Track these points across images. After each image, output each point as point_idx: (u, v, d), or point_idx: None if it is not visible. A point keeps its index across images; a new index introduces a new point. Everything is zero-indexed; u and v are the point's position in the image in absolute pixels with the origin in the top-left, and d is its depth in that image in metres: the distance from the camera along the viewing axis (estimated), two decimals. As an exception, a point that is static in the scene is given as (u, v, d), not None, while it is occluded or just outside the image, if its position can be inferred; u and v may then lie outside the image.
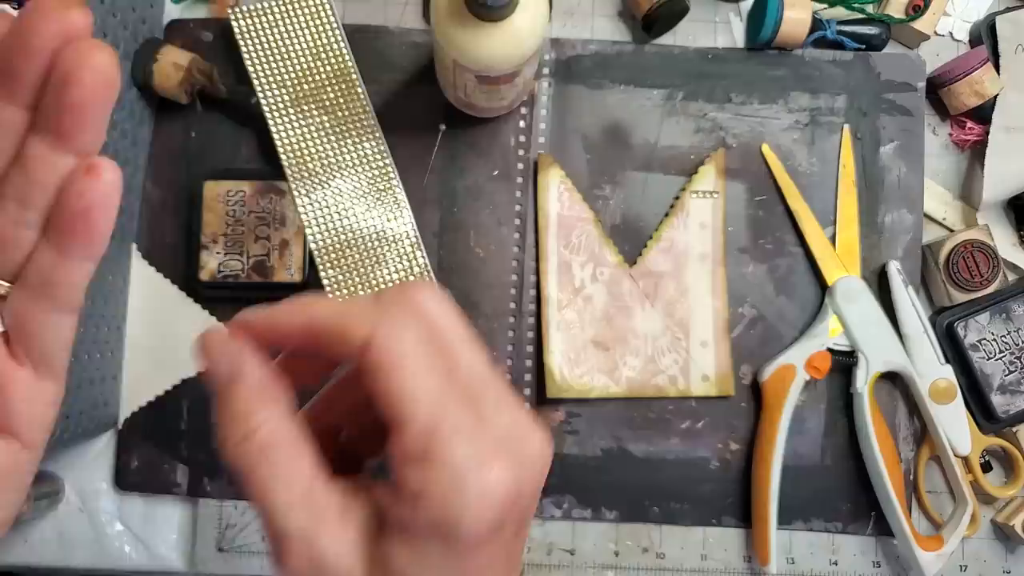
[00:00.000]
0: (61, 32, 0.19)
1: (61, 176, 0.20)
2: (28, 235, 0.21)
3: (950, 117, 0.56)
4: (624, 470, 0.52)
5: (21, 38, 0.19)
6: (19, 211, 0.20)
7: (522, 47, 0.42)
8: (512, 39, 0.42)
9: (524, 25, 0.42)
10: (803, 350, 0.52)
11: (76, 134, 0.20)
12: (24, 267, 0.21)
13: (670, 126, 0.55)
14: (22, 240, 0.21)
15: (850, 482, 0.53)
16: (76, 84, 0.19)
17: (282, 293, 0.51)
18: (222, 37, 0.54)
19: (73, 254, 0.21)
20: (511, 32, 0.41)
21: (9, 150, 0.20)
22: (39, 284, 0.21)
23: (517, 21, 0.41)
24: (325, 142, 0.52)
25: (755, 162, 0.54)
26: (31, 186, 0.20)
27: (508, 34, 0.41)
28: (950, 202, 0.56)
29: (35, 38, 0.19)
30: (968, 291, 0.52)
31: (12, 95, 0.20)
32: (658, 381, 0.52)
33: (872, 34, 0.55)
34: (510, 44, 0.42)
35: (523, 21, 0.41)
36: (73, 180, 0.20)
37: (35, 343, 0.22)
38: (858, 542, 0.53)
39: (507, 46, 0.42)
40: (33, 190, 0.20)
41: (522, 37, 0.42)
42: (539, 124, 0.54)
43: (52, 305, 0.22)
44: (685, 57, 0.55)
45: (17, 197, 0.20)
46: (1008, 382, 0.52)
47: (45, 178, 0.20)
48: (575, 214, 0.53)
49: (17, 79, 0.19)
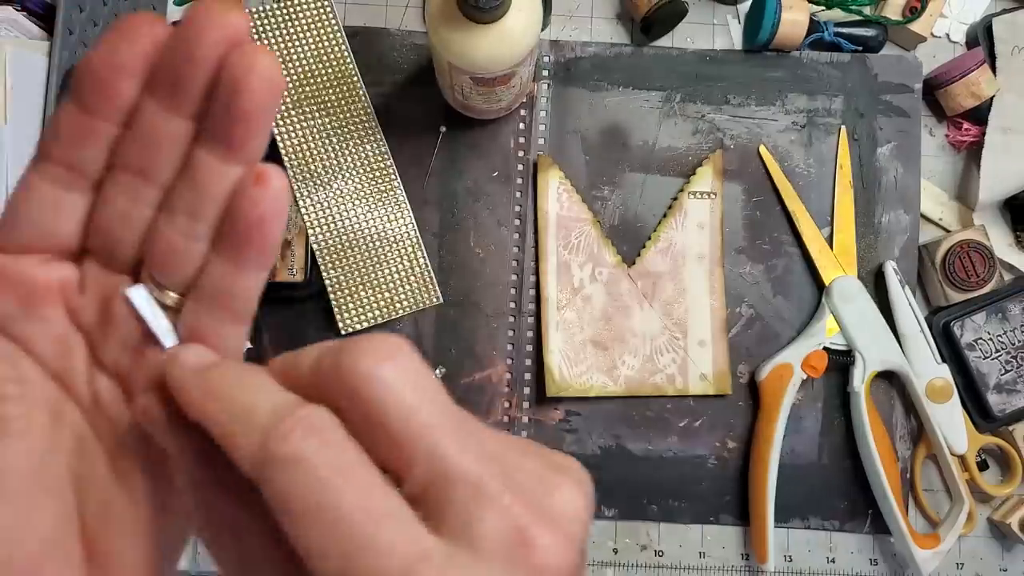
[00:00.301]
0: (225, 39, 0.18)
1: (230, 186, 0.20)
2: (199, 247, 0.20)
3: (947, 118, 0.57)
4: (623, 468, 0.53)
5: (186, 48, 0.18)
6: (189, 223, 0.20)
7: (515, 49, 0.43)
8: (505, 41, 0.42)
9: (517, 26, 0.42)
10: (800, 349, 0.52)
11: (246, 143, 0.19)
12: (196, 278, 0.21)
13: (668, 127, 0.55)
14: (193, 253, 0.20)
15: (847, 480, 0.53)
16: (246, 92, 0.18)
17: (285, 293, 0.52)
18: (224, 39, 0.54)
19: (247, 265, 0.20)
20: (504, 34, 0.42)
21: (175, 162, 0.20)
22: (213, 295, 0.21)
23: (510, 22, 0.42)
24: (327, 143, 0.52)
25: (753, 163, 0.55)
26: (201, 198, 0.20)
27: (501, 36, 0.42)
28: (946, 202, 0.56)
29: (200, 47, 0.18)
30: (964, 291, 0.53)
31: (178, 107, 0.19)
32: (656, 380, 0.52)
33: (869, 36, 0.55)
34: (503, 46, 0.42)
35: (516, 22, 0.42)
36: (244, 190, 0.20)
37: None
38: (855, 540, 0.54)
39: (500, 48, 0.42)
40: (203, 202, 0.20)
41: (515, 38, 0.42)
42: (538, 126, 0.55)
43: (227, 316, 0.21)
44: (683, 59, 0.55)
45: (187, 210, 0.20)
46: (1004, 381, 0.52)
47: (215, 189, 0.20)
48: (574, 215, 0.53)
49: (183, 90, 0.19)
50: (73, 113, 0.19)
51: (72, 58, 0.43)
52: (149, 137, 0.20)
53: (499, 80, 0.45)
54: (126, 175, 0.20)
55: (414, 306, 0.53)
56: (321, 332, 0.53)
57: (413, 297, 0.53)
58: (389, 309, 0.52)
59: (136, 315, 0.21)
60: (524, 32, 0.42)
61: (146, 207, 0.20)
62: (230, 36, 0.18)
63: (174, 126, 0.19)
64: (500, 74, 0.45)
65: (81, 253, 0.21)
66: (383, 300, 0.52)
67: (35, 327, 0.21)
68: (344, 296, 0.52)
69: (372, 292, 0.52)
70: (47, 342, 0.21)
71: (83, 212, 0.21)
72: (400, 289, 0.52)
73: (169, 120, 0.19)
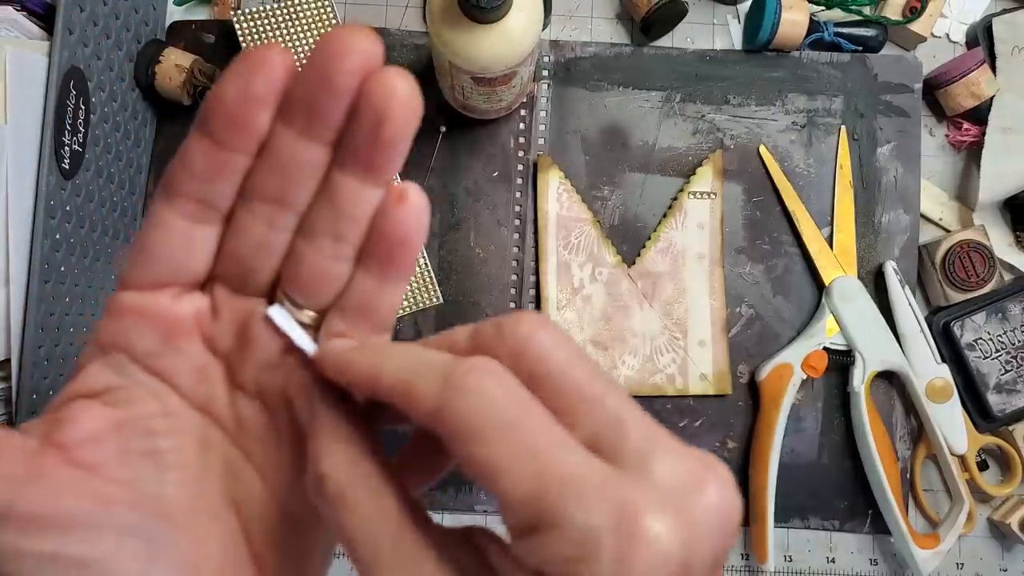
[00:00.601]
0: (363, 66, 0.18)
1: (372, 207, 0.20)
2: (343, 268, 0.21)
3: (947, 118, 0.57)
4: (623, 469, 0.53)
5: (323, 77, 0.18)
6: (333, 246, 0.20)
7: (516, 48, 0.43)
8: (506, 40, 0.42)
9: (518, 26, 0.42)
10: (800, 349, 0.52)
11: (387, 167, 0.20)
12: (338, 297, 0.21)
13: (668, 127, 0.55)
14: (338, 274, 0.21)
15: (847, 480, 0.53)
16: (389, 120, 0.19)
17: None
18: (224, 39, 0.54)
19: (392, 279, 0.21)
20: (505, 33, 0.42)
21: (312, 187, 0.20)
22: (357, 310, 0.21)
23: (511, 22, 0.42)
24: (326, 143, 0.52)
25: (752, 163, 0.55)
26: (344, 221, 0.20)
27: (502, 35, 0.42)
28: (946, 202, 0.56)
29: (339, 76, 0.18)
30: (964, 291, 0.53)
31: (316, 134, 0.19)
32: (656, 380, 0.52)
33: (869, 36, 0.55)
34: (504, 45, 0.42)
35: (517, 22, 0.42)
36: (387, 211, 0.20)
37: None
38: (855, 540, 0.54)
39: (501, 47, 0.42)
40: (346, 225, 0.20)
41: (516, 38, 0.42)
42: (538, 125, 0.55)
43: (369, 327, 0.22)
44: (683, 59, 0.55)
45: (329, 233, 0.20)
46: (1004, 381, 0.52)
47: (357, 211, 0.20)
48: (574, 215, 0.53)
49: (321, 118, 0.19)
50: (205, 147, 0.19)
51: (72, 58, 0.43)
52: (287, 166, 0.20)
53: (500, 80, 0.45)
54: (262, 204, 0.20)
55: (414, 306, 0.53)
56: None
57: (413, 297, 0.53)
58: (389, 309, 0.52)
59: (278, 332, 0.21)
60: (525, 32, 0.42)
61: (283, 233, 0.21)
62: (367, 63, 0.19)
63: (311, 153, 0.20)
64: (501, 74, 0.45)
65: (208, 280, 0.22)
66: (383, 300, 0.52)
67: (176, 360, 0.21)
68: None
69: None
70: (188, 373, 0.22)
71: (214, 243, 0.21)
72: (400, 289, 0.52)
73: (306, 147, 0.19)
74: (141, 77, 0.51)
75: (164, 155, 0.54)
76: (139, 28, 0.51)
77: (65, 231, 0.44)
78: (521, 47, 0.43)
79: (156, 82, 0.51)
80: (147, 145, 0.54)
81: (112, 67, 0.48)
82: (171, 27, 0.55)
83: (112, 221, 0.50)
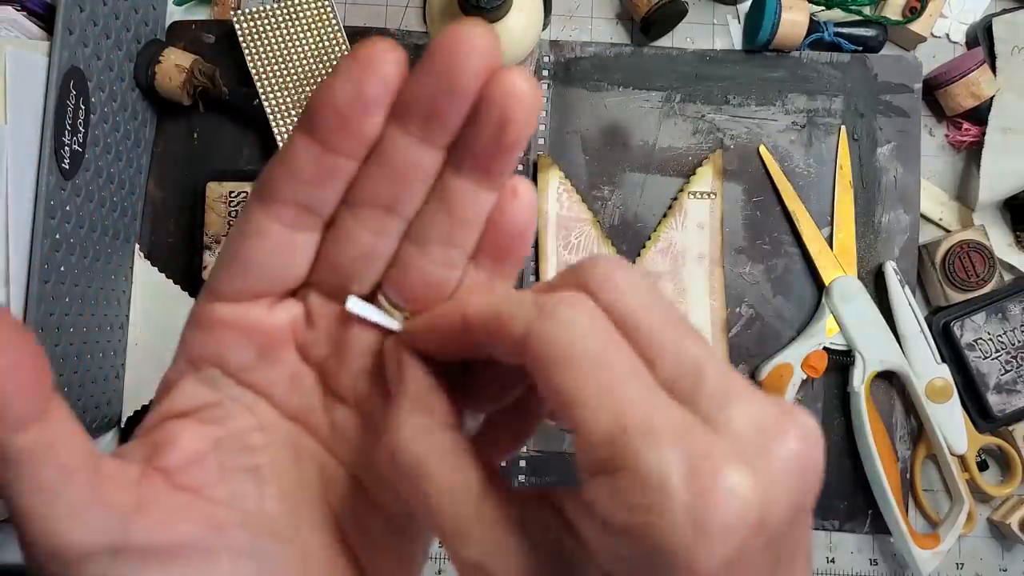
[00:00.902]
0: (486, 67, 0.17)
1: (487, 211, 0.20)
2: (453, 275, 0.20)
3: (946, 118, 0.57)
4: (623, 469, 0.53)
5: (446, 78, 0.17)
6: (444, 252, 0.20)
7: (517, 48, 0.43)
8: (507, 40, 0.42)
9: (518, 26, 0.42)
10: (800, 349, 0.52)
11: (507, 170, 0.19)
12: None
13: (668, 127, 0.55)
14: (447, 280, 0.20)
15: (847, 480, 0.53)
16: (512, 123, 0.18)
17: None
18: (224, 39, 0.54)
19: (506, 273, 0.21)
20: (506, 33, 0.42)
21: (424, 192, 0.19)
22: None
23: (511, 22, 0.42)
24: (326, 143, 0.52)
25: (752, 163, 0.55)
26: (458, 226, 0.19)
27: (503, 35, 0.42)
28: (946, 202, 0.56)
29: (462, 76, 0.17)
30: (964, 291, 0.53)
31: (433, 138, 0.18)
32: (656, 380, 0.52)
33: (869, 36, 0.55)
34: (505, 45, 0.42)
35: (517, 22, 0.42)
36: (504, 206, 0.20)
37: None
38: (855, 540, 0.54)
39: (501, 47, 0.42)
40: (460, 230, 0.19)
41: (516, 38, 0.42)
42: (538, 125, 0.55)
43: None
44: (683, 59, 0.55)
45: (442, 239, 0.19)
46: (1004, 381, 0.52)
47: (472, 216, 0.19)
48: (574, 215, 0.53)
49: (441, 122, 0.18)
50: (311, 151, 0.18)
51: (72, 58, 0.43)
52: (401, 171, 0.19)
53: None
54: (370, 210, 0.19)
55: (414, 306, 0.53)
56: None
57: (413, 297, 0.53)
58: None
59: (365, 323, 0.21)
60: (525, 31, 0.42)
61: (390, 239, 0.20)
62: (489, 63, 0.17)
63: (427, 158, 0.19)
64: None
65: (303, 286, 0.21)
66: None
67: (270, 371, 0.21)
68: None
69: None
70: (282, 383, 0.21)
71: (313, 250, 0.20)
72: (400, 289, 0.52)
73: (422, 152, 0.18)
74: (141, 77, 0.51)
75: (164, 155, 0.54)
76: (139, 28, 0.51)
77: (65, 231, 0.44)
78: (521, 46, 0.43)
79: (156, 82, 0.51)
80: (147, 145, 0.54)
81: (112, 67, 0.48)
82: (171, 27, 0.55)
83: (112, 221, 0.50)
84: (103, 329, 0.49)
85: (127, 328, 0.53)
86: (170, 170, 0.54)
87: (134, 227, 0.53)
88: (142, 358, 0.53)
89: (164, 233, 0.54)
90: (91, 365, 0.48)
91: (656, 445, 0.15)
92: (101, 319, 0.49)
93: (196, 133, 0.54)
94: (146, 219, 0.54)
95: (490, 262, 0.20)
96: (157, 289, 0.53)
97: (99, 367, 0.49)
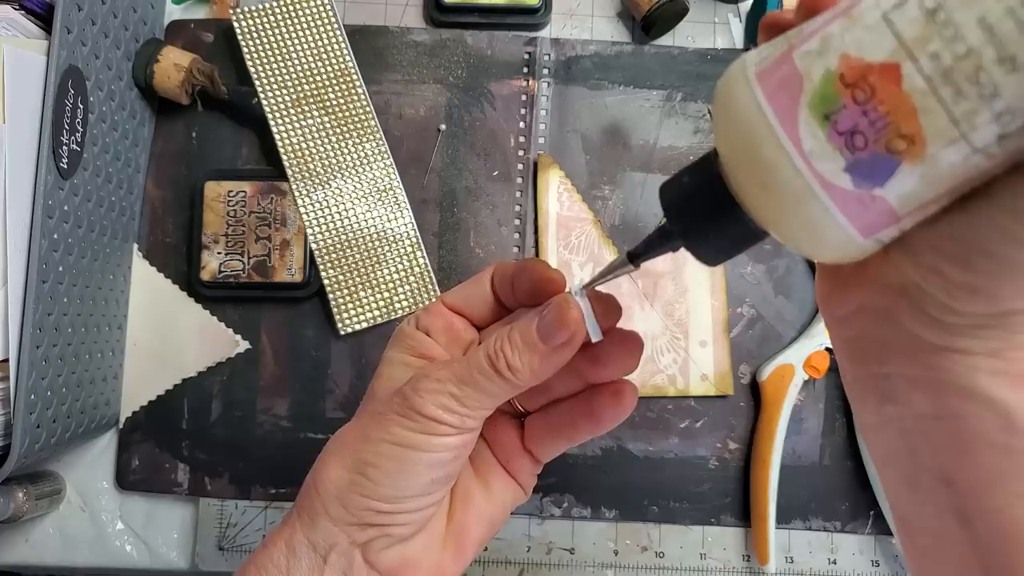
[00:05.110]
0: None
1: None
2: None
3: (949, 117, 0.56)
4: (623, 469, 0.53)
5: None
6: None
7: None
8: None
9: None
10: (802, 350, 0.52)
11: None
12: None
13: (669, 127, 0.55)
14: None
15: (849, 481, 0.53)
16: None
17: (283, 293, 0.51)
18: (222, 38, 0.54)
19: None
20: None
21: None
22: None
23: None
24: (326, 142, 0.52)
25: (754, 162, 0.54)
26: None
27: None
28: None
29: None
30: (966, 291, 0.52)
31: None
32: (657, 380, 0.52)
33: (871, 35, 0.55)
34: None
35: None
36: (602, 401, 0.31)
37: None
38: (857, 541, 0.53)
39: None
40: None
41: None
42: (539, 125, 0.54)
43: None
44: (684, 58, 0.55)
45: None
46: (1006, 382, 0.52)
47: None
48: (574, 214, 0.53)
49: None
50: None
51: (71, 57, 0.43)
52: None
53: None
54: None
55: (414, 306, 0.52)
56: (320, 332, 0.53)
57: (412, 297, 0.52)
58: (388, 309, 0.52)
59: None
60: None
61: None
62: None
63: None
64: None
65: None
66: (382, 300, 0.52)
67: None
68: (343, 296, 0.52)
69: (371, 292, 0.52)
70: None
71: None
72: (399, 289, 0.52)
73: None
74: (139, 76, 0.50)
75: (163, 155, 0.54)
76: (137, 27, 0.51)
77: (63, 230, 0.44)
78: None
79: (154, 81, 0.50)
80: (145, 144, 0.54)
81: (110, 66, 0.48)
82: (169, 26, 0.55)
83: (110, 221, 0.49)
84: (101, 329, 0.49)
85: (125, 328, 0.53)
86: (168, 169, 0.54)
87: (132, 226, 0.53)
88: (141, 358, 0.52)
89: (162, 233, 0.54)
90: (89, 365, 0.48)
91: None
92: (99, 319, 0.49)
93: (195, 132, 0.54)
94: (144, 218, 0.54)
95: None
96: (155, 288, 0.53)
97: (97, 367, 0.49)
